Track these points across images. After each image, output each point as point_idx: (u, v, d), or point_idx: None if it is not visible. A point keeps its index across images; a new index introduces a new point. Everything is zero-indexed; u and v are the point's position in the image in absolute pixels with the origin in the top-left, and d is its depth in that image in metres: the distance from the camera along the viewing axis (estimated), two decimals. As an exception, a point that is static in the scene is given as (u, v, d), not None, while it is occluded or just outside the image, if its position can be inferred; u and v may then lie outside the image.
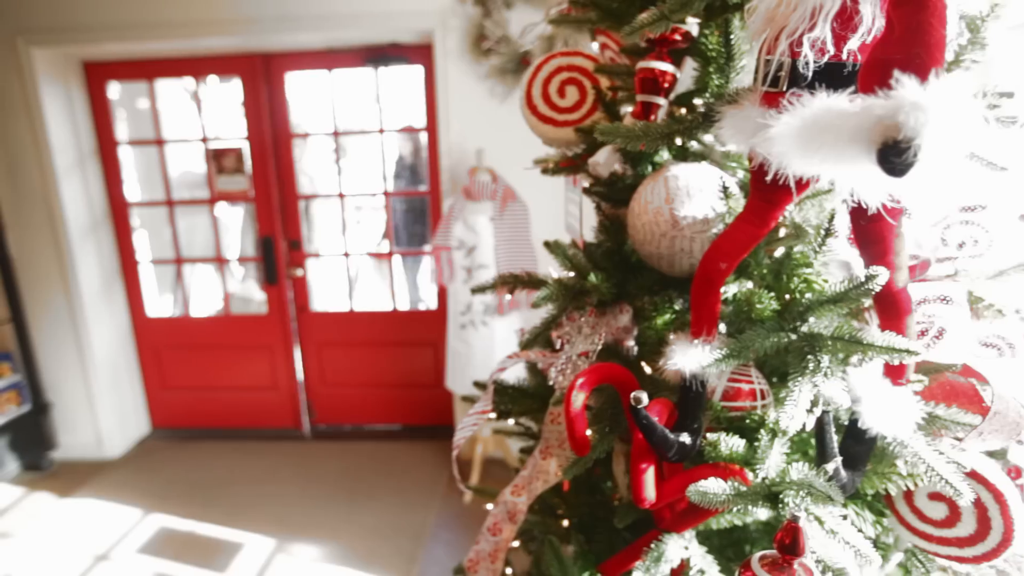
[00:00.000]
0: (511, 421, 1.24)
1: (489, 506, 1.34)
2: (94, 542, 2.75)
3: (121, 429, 3.60)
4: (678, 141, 0.92)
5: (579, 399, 0.79)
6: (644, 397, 0.67)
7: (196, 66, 3.34)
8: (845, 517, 0.72)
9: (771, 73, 0.65)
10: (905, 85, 0.46)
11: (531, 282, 1.03)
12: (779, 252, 0.88)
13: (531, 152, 2.92)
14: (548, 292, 0.93)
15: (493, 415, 1.09)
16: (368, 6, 2.90)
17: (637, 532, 1.04)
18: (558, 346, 1.01)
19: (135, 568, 2.58)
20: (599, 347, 0.90)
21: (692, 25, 0.86)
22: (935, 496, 0.81)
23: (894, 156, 0.46)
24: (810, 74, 0.61)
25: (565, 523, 1.04)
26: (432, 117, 3.18)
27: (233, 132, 3.45)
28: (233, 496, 3.08)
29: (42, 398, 3.36)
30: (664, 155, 1.00)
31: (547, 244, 1.10)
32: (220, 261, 3.71)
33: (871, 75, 0.52)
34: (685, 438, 0.75)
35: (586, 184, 1.08)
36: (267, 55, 3.25)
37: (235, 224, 4.45)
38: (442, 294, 3.30)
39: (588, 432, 0.85)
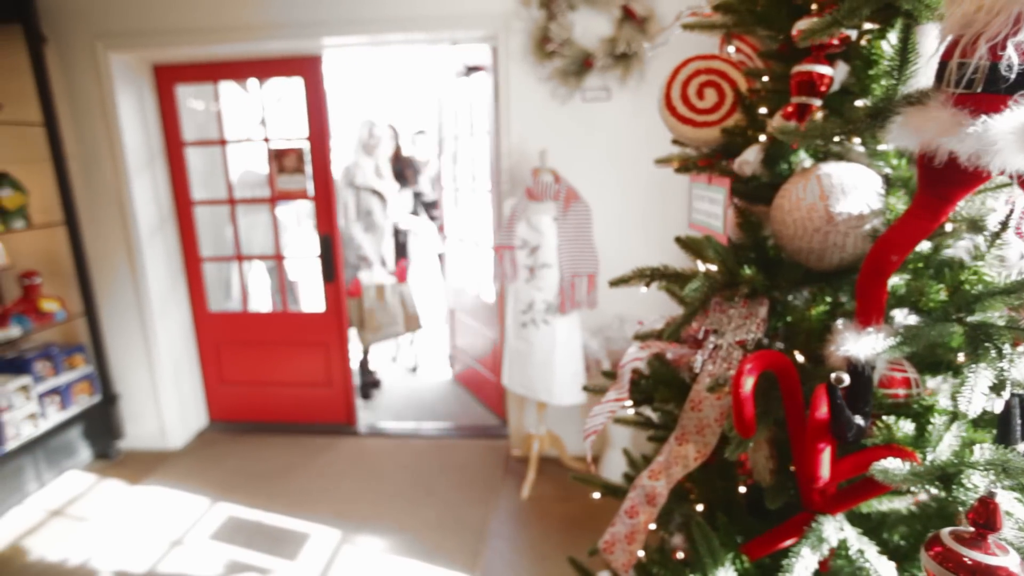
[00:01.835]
0: (631, 410, 1.28)
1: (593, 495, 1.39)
2: (167, 528, 2.84)
3: (182, 421, 3.70)
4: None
5: (748, 383, 0.84)
6: (846, 378, 0.71)
7: (259, 68, 3.43)
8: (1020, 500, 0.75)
9: (966, 76, 0.69)
10: None
11: (668, 275, 1.07)
12: (926, 247, 0.92)
13: (592, 154, 2.99)
14: (699, 284, 0.97)
15: (629, 403, 1.14)
16: (432, 10, 2.96)
17: (767, 515, 1.09)
18: (700, 336, 1.05)
19: (209, 554, 2.66)
20: (758, 336, 0.94)
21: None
22: (1092, 482, 0.84)
23: None
24: (1013, 76, 0.65)
25: (700, 507, 1.08)
26: (494, 119, 3.23)
27: (295, 132, 3.55)
28: (295, 488, 3.15)
29: (111, 389, 3.47)
30: (802, 155, 1.04)
31: (679, 239, 1.15)
32: (279, 259, 3.80)
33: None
34: (859, 420, 0.79)
35: (705, 182, 1.12)
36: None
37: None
38: (499, 292, 3.36)
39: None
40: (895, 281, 0.87)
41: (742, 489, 1.12)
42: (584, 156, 3.02)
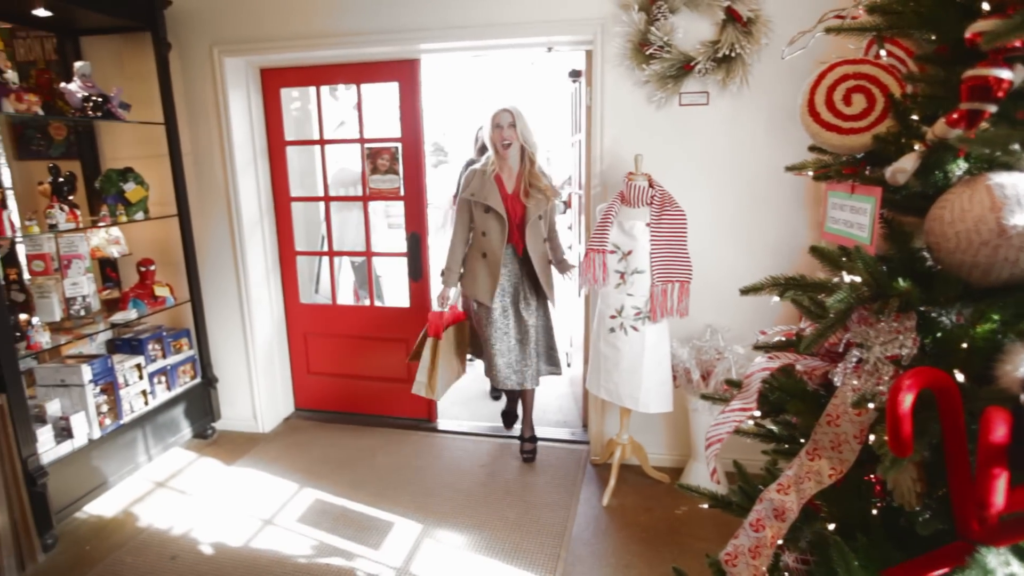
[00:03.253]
0: (743, 421, 1.25)
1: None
2: (259, 508, 2.99)
3: (272, 407, 3.88)
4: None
5: (908, 400, 0.80)
6: (1042, 400, 0.67)
7: (357, 71, 3.56)
8: None
9: None
10: None
11: (804, 285, 1.04)
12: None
13: (686, 159, 2.94)
14: (844, 296, 0.94)
15: (757, 414, 1.11)
16: (529, 16, 2.99)
17: (903, 540, 1.03)
18: (840, 349, 1.02)
19: (298, 535, 2.78)
20: (914, 351, 0.90)
21: None
22: None
23: None
24: None
25: (831, 526, 1.04)
26: (587, 122, 3.23)
27: (386, 132, 3.66)
28: (377, 479, 3.24)
29: (210, 373, 3.68)
30: (960, 164, 0.98)
31: (815, 249, 1.11)
32: (368, 255, 3.92)
33: None
34: (1041, 447, 0.75)
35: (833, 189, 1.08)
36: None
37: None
38: (586, 295, 3.35)
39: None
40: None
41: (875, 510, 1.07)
42: (678, 161, 2.97)
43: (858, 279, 0.99)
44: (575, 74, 3.59)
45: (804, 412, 1.07)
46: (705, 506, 1.41)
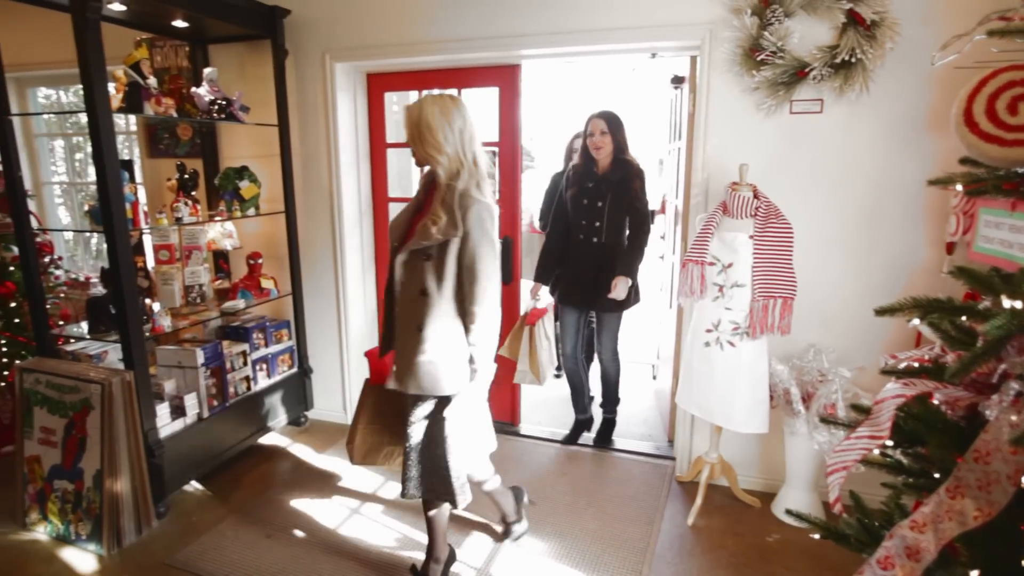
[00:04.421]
0: (871, 449, 1.17)
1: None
2: (347, 496, 3.09)
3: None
4: None
5: (1087, 444, 0.71)
6: None
7: (459, 76, 3.63)
8: None
9: None
10: None
11: (952, 308, 0.96)
12: None
13: (795, 170, 2.80)
14: (1002, 322, 0.85)
15: (889, 443, 1.03)
16: (634, 21, 2.95)
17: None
18: (994, 380, 0.93)
19: (382, 526, 2.85)
20: (1093, 389, 0.80)
21: None
22: None
23: None
24: None
25: (974, 573, 0.95)
26: (689, 129, 3.15)
27: (485, 137, 3.70)
28: (459, 477, 3.28)
29: (306, 364, 3.86)
30: None
31: (964, 270, 1.02)
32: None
33: None
34: None
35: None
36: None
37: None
38: (680, 307, 3.26)
39: None
40: None
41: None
42: (786, 172, 2.83)
43: (1019, 305, 0.89)
44: (677, 80, 3.51)
45: (944, 445, 0.99)
46: (816, 536, 1.32)
